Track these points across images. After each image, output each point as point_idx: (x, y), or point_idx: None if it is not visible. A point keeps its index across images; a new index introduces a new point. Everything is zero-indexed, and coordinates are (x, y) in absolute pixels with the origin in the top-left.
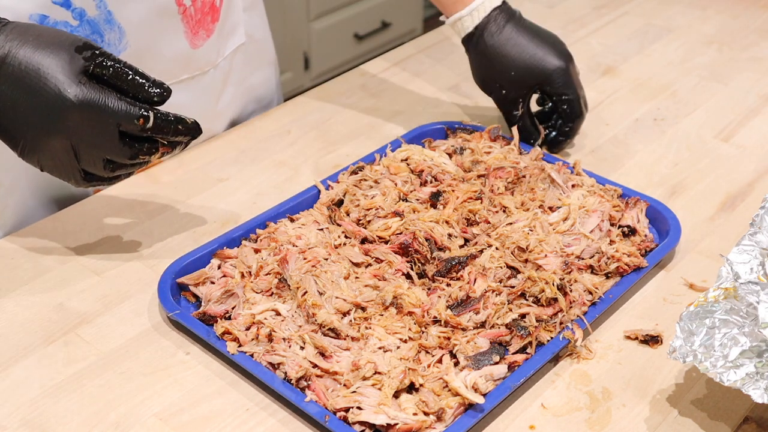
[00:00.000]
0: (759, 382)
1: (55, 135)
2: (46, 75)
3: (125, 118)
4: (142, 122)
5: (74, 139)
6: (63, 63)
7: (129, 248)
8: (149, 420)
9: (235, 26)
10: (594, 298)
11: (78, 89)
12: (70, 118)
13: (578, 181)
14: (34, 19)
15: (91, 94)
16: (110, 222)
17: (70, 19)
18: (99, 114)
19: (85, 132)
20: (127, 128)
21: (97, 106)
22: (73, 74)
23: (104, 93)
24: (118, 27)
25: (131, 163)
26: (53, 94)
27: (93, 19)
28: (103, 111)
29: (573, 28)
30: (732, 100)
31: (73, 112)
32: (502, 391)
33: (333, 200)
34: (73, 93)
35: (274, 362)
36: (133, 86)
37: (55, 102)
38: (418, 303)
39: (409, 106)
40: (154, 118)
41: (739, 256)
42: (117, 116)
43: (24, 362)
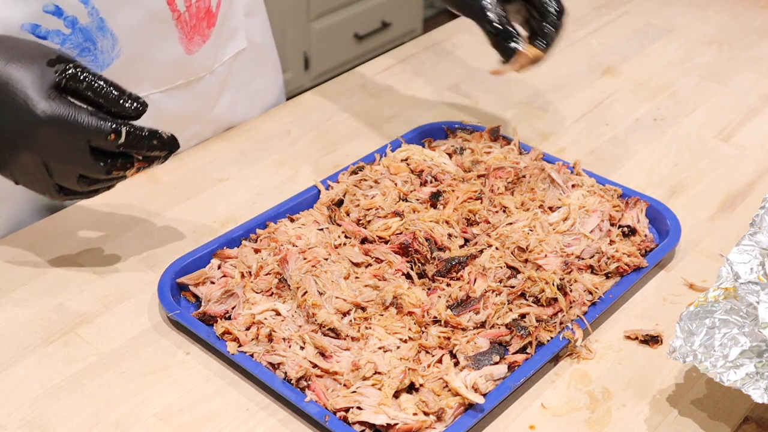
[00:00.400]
0: (759, 382)
1: (25, 150)
2: (15, 89)
3: (96, 134)
4: (114, 138)
5: (45, 155)
6: (33, 77)
7: (129, 248)
8: (149, 420)
9: (234, 31)
10: (594, 298)
11: (46, 104)
12: (39, 133)
13: (578, 181)
14: (25, 28)
15: (60, 109)
16: (110, 222)
17: (62, 27)
18: (68, 130)
19: (55, 148)
20: (98, 144)
21: (66, 121)
22: (42, 89)
23: (74, 108)
24: (110, 34)
25: (106, 178)
26: (22, 109)
27: (85, 27)
28: (73, 126)
29: (573, 28)
30: (732, 100)
31: (42, 128)
32: (502, 391)
33: (333, 200)
34: (42, 108)
35: (274, 362)
36: (107, 100)
37: (23, 117)
38: (418, 303)
39: (409, 106)
40: (126, 134)
41: (739, 256)
42: (87, 132)
43: (24, 362)
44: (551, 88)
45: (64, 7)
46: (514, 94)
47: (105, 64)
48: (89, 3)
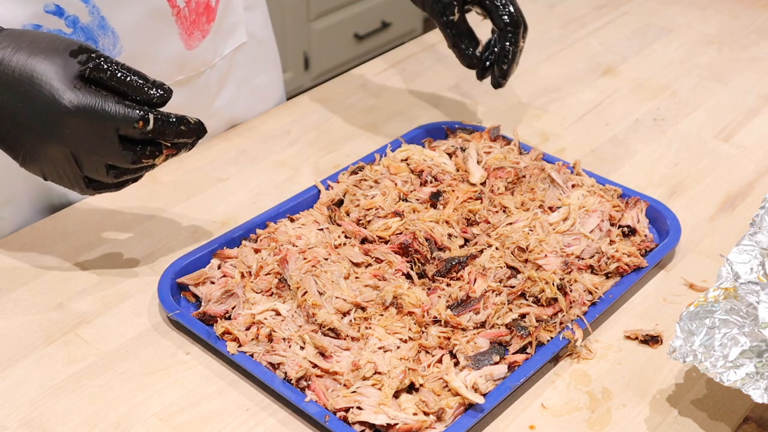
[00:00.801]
0: (759, 382)
1: (54, 143)
2: (40, 81)
3: (124, 122)
4: (142, 125)
5: (73, 146)
6: (57, 68)
7: (129, 248)
8: (149, 420)
9: (234, 26)
10: (594, 298)
11: (73, 95)
12: (67, 124)
13: (578, 181)
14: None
15: (87, 99)
16: (110, 222)
17: (63, 27)
18: (96, 119)
19: (83, 138)
20: (126, 132)
21: (93, 111)
22: (67, 79)
23: (101, 97)
24: (112, 32)
25: (135, 167)
26: (48, 101)
27: (86, 26)
28: (100, 116)
29: (573, 28)
30: (732, 100)
31: (70, 119)
32: (502, 391)
33: (333, 200)
34: (68, 99)
35: (274, 362)
36: (131, 88)
37: (50, 109)
38: (418, 303)
39: (409, 106)
40: (154, 121)
41: (739, 256)
42: (115, 120)
43: (24, 362)
44: (551, 88)
45: (65, 7)
46: (514, 94)
47: None
48: (90, 2)
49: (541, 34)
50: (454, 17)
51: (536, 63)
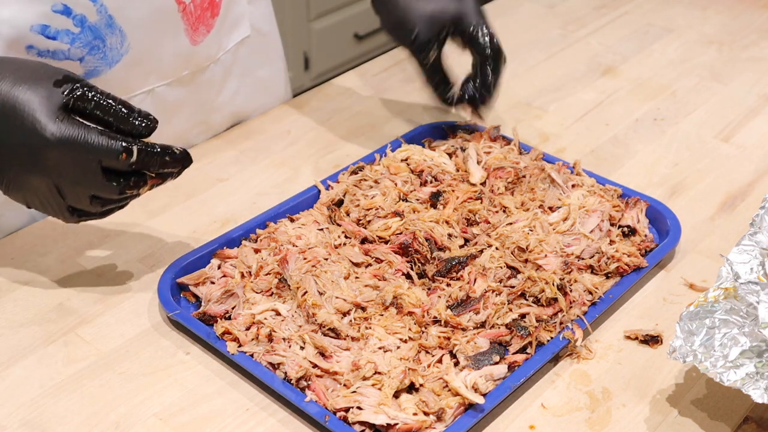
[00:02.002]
0: (759, 382)
1: (36, 174)
2: (22, 112)
3: (107, 154)
4: (125, 157)
5: (56, 178)
6: (41, 99)
7: (129, 248)
8: (149, 420)
9: (238, 19)
10: (594, 298)
11: (55, 126)
12: (49, 156)
13: (578, 181)
14: (35, 29)
15: (70, 130)
16: (110, 222)
17: (71, 26)
18: (79, 151)
19: (66, 170)
20: (109, 164)
21: (76, 143)
22: (50, 110)
23: (84, 129)
24: (119, 30)
25: (119, 198)
26: (31, 133)
27: (94, 25)
28: (83, 148)
29: (573, 28)
30: (732, 100)
31: (52, 151)
32: (502, 391)
33: (333, 200)
34: (51, 131)
35: (274, 362)
36: (116, 118)
37: (32, 140)
38: (418, 303)
39: (409, 106)
40: (138, 152)
41: (739, 256)
42: (98, 152)
43: (24, 362)
44: (551, 88)
45: (73, 6)
46: (514, 94)
47: (114, 61)
48: (97, 1)
49: (541, 34)
50: (432, 56)
51: (536, 63)
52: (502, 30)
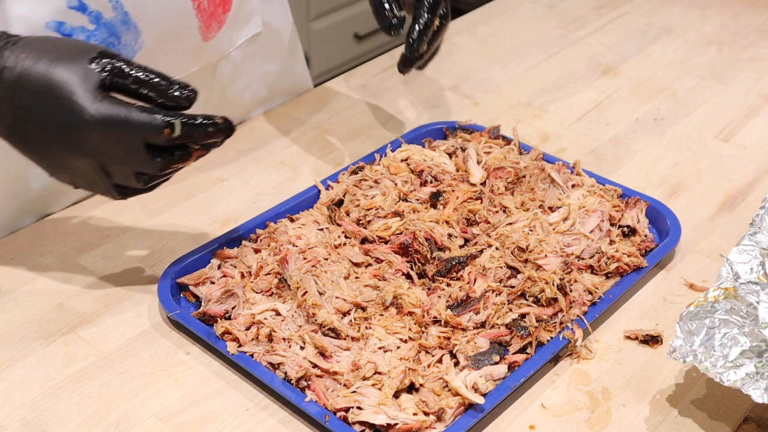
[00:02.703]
0: (759, 382)
1: (79, 156)
2: (61, 93)
3: (149, 131)
4: (168, 133)
5: (99, 158)
6: (78, 78)
7: (129, 248)
8: (149, 420)
9: (250, 15)
10: (594, 298)
11: (95, 107)
12: (91, 138)
13: (578, 181)
14: (50, 26)
15: (110, 110)
16: (110, 222)
17: (86, 23)
18: (121, 131)
19: (109, 150)
20: (153, 141)
21: (117, 122)
22: (89, 90)
23: (124, 107)
24: (134, 27)
25: (165, 173)
26: (71, 115)
27: (110, 22)
28: (126, 127)
29: (573, 28)
30: (732, 100)
31: (93, 132)
32: (502, 391)
33: (333, 200)
34: (91, 112)
35: (274, 362)
36: (156, 91)
37: (73, 123)
38: (418, 303)
39: (409, 106)
40: (181, 126)
41: (739, 256)
42: (141, 130)
43: (24, 362)
44: (551, 88)
45: (88, 3)
46: (514, 94)
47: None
48: None
49: (541, 34)
50: None
51: (536, 63)
52: (502, 30)
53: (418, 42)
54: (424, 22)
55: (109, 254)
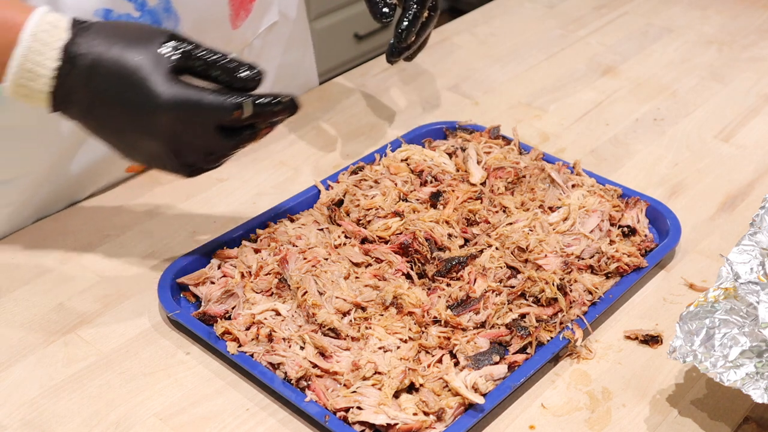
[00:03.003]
0: (759, 382)
1: (152, 138)
2: (134, 77)
3: (220, 113)
4: (238, 114)
5: (172, 141)
6: (150, 63)
7: (129, 248)
8: (149, 420)
9: (269, 4)
10: (594, 298)
11: (168, 91)
12: (165, 122)
13: (578, 181)
14: (98, 14)
15: (183, 93)
16: (110, 222)
17: (132, 10)
18: (192, 114)
19: (182, 132)
20: (224, 122)
21: (189, 106)
22: (161, 75)
23: (195, 91)
24: (174, 14)
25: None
26: (144, 98)
27: (153, 9)
28: (198, 110)
29: (573, 28)
30: (732, 100)
31: (165, 116)
32: (502, 391)
33: (333, 200)
34: (164, 97)
35: (274, 362)
36: (225, 73)
37: (147, 107)
38: (418, 303)
39: (409, 106)
40: (252, 106)
41: (739, 256)
42: (212, 112)
43: (24, 362)
44: (551, 88)
45: None
46: (514, 94)
47: None
48: None
49: (541, 34)
50: None
51: (536, 63)
52: (502, 30)
53: (406, 32)
54: (413, 13)
55: (109, 254)
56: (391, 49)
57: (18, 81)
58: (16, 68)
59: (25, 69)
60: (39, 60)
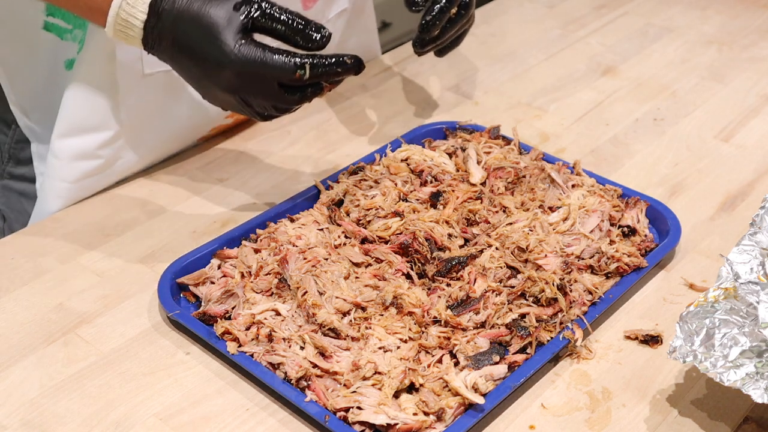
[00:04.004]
0: (759, 382)
1: (222, 89)
2: (209, 35)
3: (282, 73)
4: (299, 75)
5: (241, 94)
6: (224, 21)
7: (129, 248)
8: (149, 420)
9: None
10: (594, 298)
11: (236, 49)
12: (232, 77)
13: (578, 181)
14: None
15: (249, 52)
16: (110, 222)
17: None
18: (256, 71)
19: (248, 88)
20: (286, 81)
21: (253, 64)
22: (232, 32)
23: (260, 50)
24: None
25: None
26: (216, 54)
27: None
28: (261, 68)
29: (573, 28)
30: (732, 100)
31: (232, 71)
32: (502, 391)
33: (333, 200)
34: (231, 53)
35: (274, 362)
36: (294, 31)
37: (217, 62)
38: (418, 303)
39: (409, 106)
40: (311, 68)
41: (739, 256)
42: (274, 72)
43: (24, 362)
44: (551, 88)
45: None
46: (514, 94)
47: None
48: None
49: (541, 34)
50: None
51: (536, 63)
52: (502, 30)
53: (429, 24)
54: (440, 7)
55: (109, 254)
56: (414, 40)
57: (116, 27)
58: (113, 17)
59: (120, 18)
60: (131, 12)
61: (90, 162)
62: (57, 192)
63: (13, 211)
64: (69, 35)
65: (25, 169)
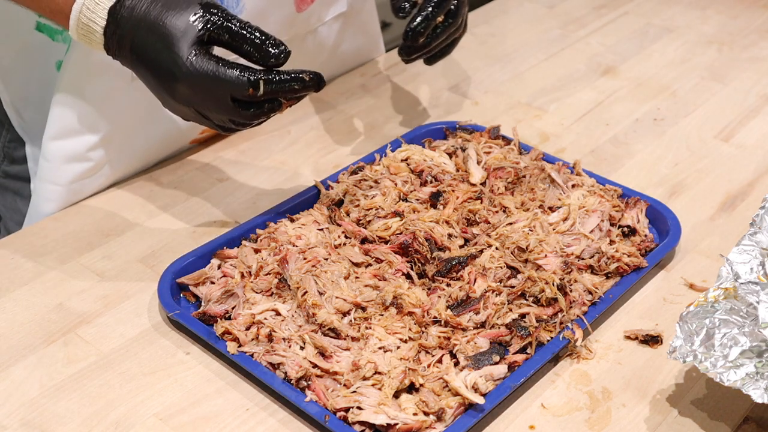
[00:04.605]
0: (759, 382)
1: (177, 101)
2: (165, 44)
3: (234, 89)
4: (252, 92)
5: (194, 106)
6: (179, 32)
7: (129, 248)
8: (149, 420)
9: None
10: (594, 298)
11: (189, 62)
12: (183, 90)
13: (578, 181)
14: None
15: (202, 65)
16: (110, 222)
17: None
18: (209, 86)
19: (201, 101)
20: (238, 97)
21: (206, 78)
22: (187, 44)
23: (214, 64)
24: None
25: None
26: (170, 65)
27: None
28: (212, 83)
29: (573, 28)
30: (732, 100)
31: (185, 84)
32: (502, 391)
33: (333, 200)
34: (185, 66)
35: (274, 362)
36: (252, 47)
37: (170, 73)
38: (418, 303)
39: (409, 106)
40: (265, 84)
41: (739, 256)
42: (227, 87)
43: (24, 362)
44: (551, 88)
45: None
46: (514, 94)
47: None
48: None
49: (541, 34)
50: None
51: (536, 63)
52: (502, 30)
53: (415, 32)
54: (426, 15)
55: (109, 254)
56: (400, 48)
57: (79, 31)
58: (75, 20)
59: (82, 22)
60: (91, 17)
61: (80, 164)
62: (48, 195)
63: (8, 210)
64: (60, 36)
65: (20, 168)
